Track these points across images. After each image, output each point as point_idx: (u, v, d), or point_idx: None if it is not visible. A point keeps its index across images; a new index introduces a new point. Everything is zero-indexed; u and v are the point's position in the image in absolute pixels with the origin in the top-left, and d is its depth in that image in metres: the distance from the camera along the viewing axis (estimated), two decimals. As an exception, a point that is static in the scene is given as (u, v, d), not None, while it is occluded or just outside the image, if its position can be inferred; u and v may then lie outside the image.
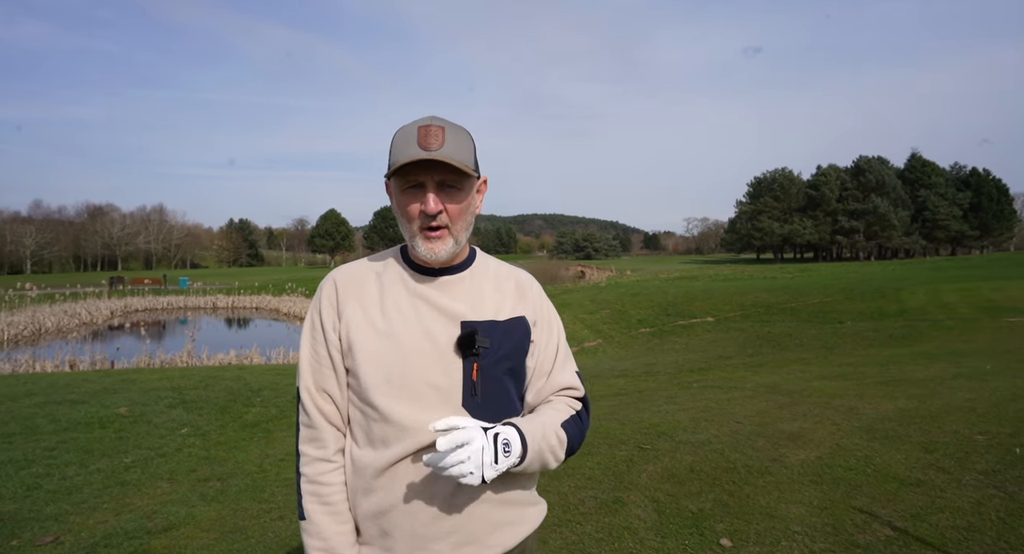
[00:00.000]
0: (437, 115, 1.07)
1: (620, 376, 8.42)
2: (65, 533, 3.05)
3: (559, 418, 1.11)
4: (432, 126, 1.03)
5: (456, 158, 1.03)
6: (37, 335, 21.15)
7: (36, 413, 5.48)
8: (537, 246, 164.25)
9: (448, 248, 1.06)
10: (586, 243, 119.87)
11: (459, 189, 1.06)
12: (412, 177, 1.03)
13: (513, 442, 0.98)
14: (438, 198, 1.03)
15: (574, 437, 1.12)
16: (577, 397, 1.19)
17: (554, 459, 1.08)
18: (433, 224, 1.04)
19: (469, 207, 1.09)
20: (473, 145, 1.09)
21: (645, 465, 3.91)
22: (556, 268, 44.78)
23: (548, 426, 1.07)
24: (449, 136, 1.03)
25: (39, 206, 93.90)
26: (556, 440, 1.08)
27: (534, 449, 1.01)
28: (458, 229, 1.07)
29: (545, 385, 1.16)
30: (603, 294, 23.62)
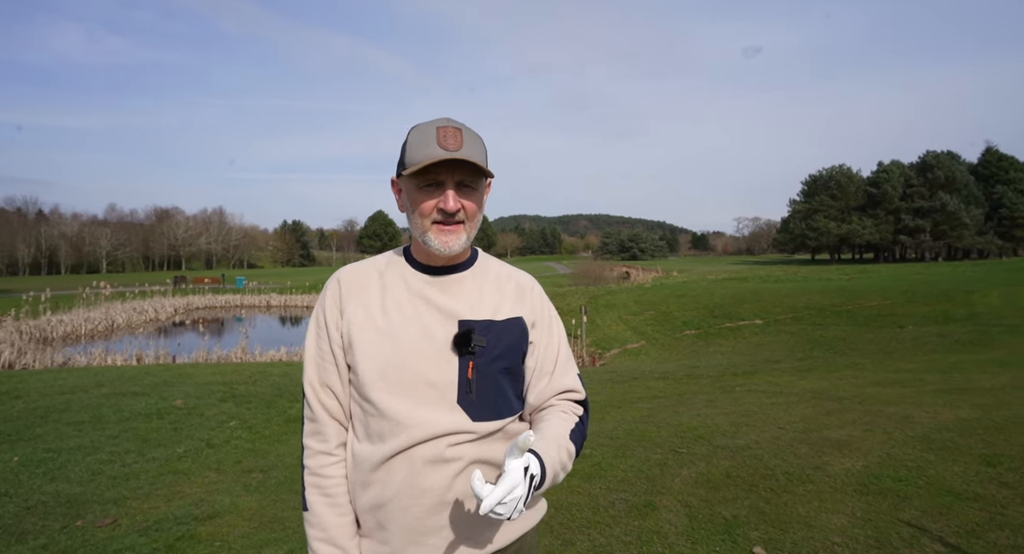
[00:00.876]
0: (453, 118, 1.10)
1: (660, 378, 8.26)
2: (122, 516, 3.25)
3: (566, 430, 1.12)
4: (450, 127, 1.05)
5: (476, 158, 1.05)
6: (110, 330, 22.57)
7: (103, 403, 5.86)
8: (582, 246, 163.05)
9: (460, 242, 1.08)
10: (632, 243, 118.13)
11: (475, 189, 1.09)
12: (432, 176, 1.05)
13: (538, 476, 0.99)
14: (457, 197, 1.06)
15: (578, 444, 1.14)
16: (578, 400, 1.20)
17: (564, 474, 1.10)
18: (452, 220, 1.07)
19: (481, 207, 1.12)
20: (485, 147, 1.12)
21: (679, 469, 3.82)
22: (600, 269, 44.28)
23: (561, 445, 1.08)
24: (466, 137, 1.06)
25: (114, 209, 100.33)
26: (567, 455, 1.09)
27: (551, 475, 1.03)
28: (471, 226, 1.10)
29: (547, 387, 1.16)
30: (648, 295, 23.22)
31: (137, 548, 2.83)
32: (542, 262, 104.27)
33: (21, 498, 3.49)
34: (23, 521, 3.18)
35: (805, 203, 75.74)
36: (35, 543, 2.90)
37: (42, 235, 78.32)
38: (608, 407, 5.94)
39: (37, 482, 3.74)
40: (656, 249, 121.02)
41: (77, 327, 21.23)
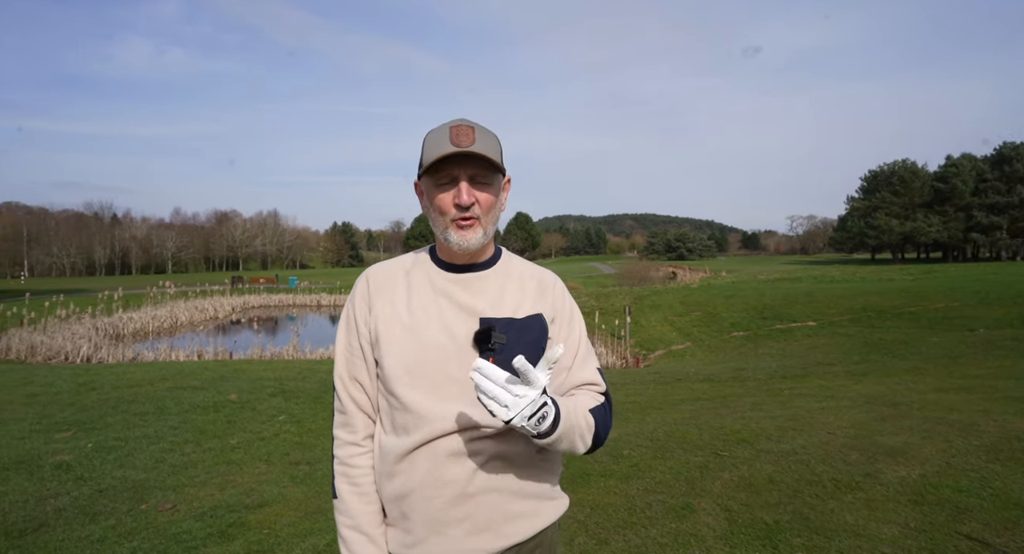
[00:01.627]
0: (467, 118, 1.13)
1: (705, 380, 8.08)
2: (181, 502, 3.46)
3: (587, 403, 1.14)
4: (463, 125, 1.09)
5: (488, 153, 1.09)
6: (174, 327, 23.88)
7: (166, 396, 6.23)
8: (627, 246, 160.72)
9: (478, 238, 1.11)
10: (679, 243, 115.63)
11: (489, 184, 1.12)
12: (446, 173, 1.09)
13: (549, 415, 0.99)
14: (471, 190, 1.09)
15: (601, 425, 1.14)
16: (599, 392, 1.21)
17: (581, 442, 1.09)
18: (467, 215, 1.09)
19: (497, 202, 1.14)
20: (500, 145, 1.15)
21: (720, 472, 3.74)
22: (646, 269, 43.61)
23: (579, 407, 1.10)
24: (479, 134, 1.09)
25: (178, 213, 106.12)
26: (585, 423, 1.10)
27: (566, 424, 1.03)
28: (488, 221, 1.12)
29: (566, 380, 1.18)
30: (694, 296, 22.70)
31: (193, 532, 3.00)
32: (586, 262, 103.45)
33: (95, 481, 3.76)
34: (96, 503, 3.43)
35: (864, 200, 72.15)
36: (105, 524, 3.13)
37: (116, 238, 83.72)
38: (649, 408, 5.87)
39: (108, 467, 4.02)
40: (704, 249, 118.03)
41: (145, 324, 22.56)
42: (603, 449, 4.33)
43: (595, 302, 22.53)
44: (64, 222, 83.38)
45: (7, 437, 4.71)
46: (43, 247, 75.80)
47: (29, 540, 2.95)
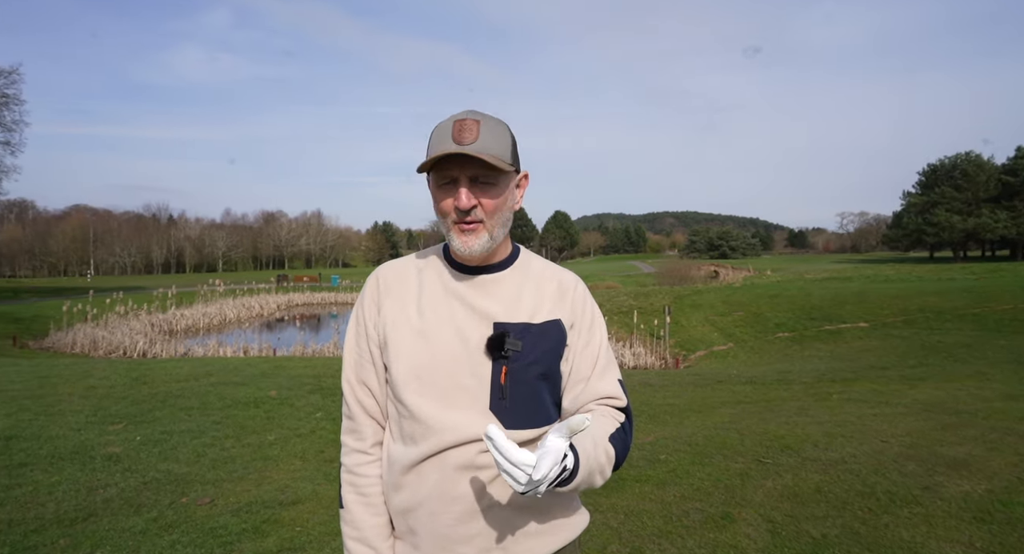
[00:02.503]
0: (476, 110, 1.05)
1: (747, 383, 7.79)
2: (219, 496, 3.54)
3: (607, 431, 1.05)
4: (467, 120, 1.01)
5: (490, 152, 0.99)
6: (223, 324, 24.84)
7: (210, 391, 6.43)
8: (668, 245, 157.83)
9: (482, 242, 1.04)
10: (721, 241, 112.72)
11: (493, 184, 1.03)
12: (447, 173, 1.02)
13: (569, 467, 0.92)
14: (471, 193, 1.01)
15: (620, 452, 1.06)
16: (619, 407, 1.12)
17: (601, 478, 1.02)
18: (468, 219, 1.03)
19: (505, 203, 1.05)
20: (510, 139, 1.06)
21: (763, 480, 3.58)
22: (687, 268, 42.64)
23: (599, 443, 1.01)
24: (484, 130, 1.01)
25: (228, 214, 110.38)
26: (605, 457, 1.02)
27: (584, 471, 0.96)
28: (493, 224, 1.04)
29: (583, 392, 1.10)
30: (737, 295, 22.05)
31: (229, 527, 3.06)
32: (625, 261, 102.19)
33: (140, 474, 3.90)
34: (140, 494, 3.54)
35: (922, 195, 68.52)
36: (148, 516, 3.23)
37: (171, 238, 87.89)
38: (688, 411, 5.69)
39: (153, 460, 4.16)
40: (747, 247, 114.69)
41: (196, 321, 23.53)
42: (639, 453, 4.21)
43: (634, 301, 22.17)
44: (126, 223, 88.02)
45: (65, 428, 4.94)
46: (107, 247, 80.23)
47: (79, 529, 3.07)
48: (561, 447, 0.88)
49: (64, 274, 75.10)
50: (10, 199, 74.81)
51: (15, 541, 2.93)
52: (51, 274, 74.72)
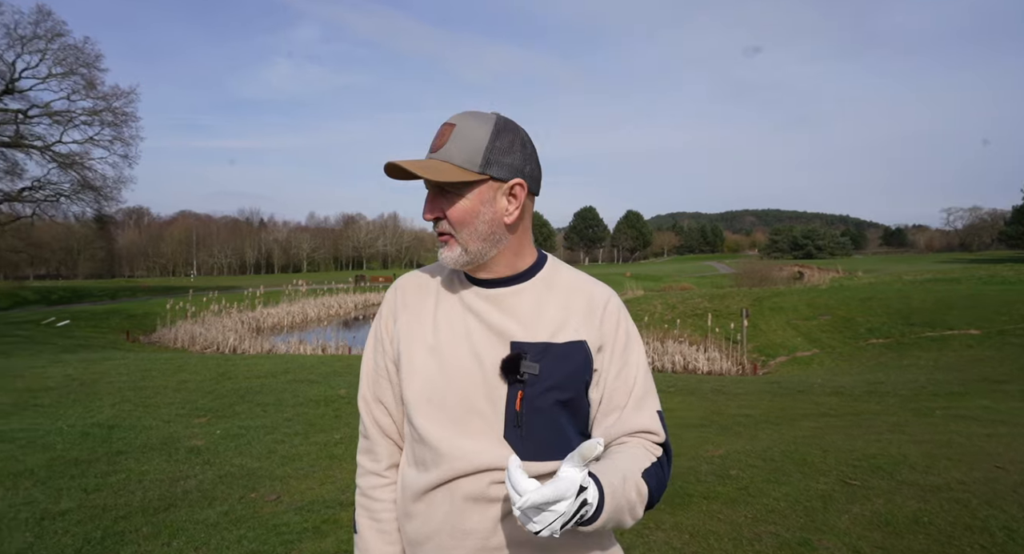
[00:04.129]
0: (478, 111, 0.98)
1: (833, 394, 7.20)
2: (284, 493, 3.67)
3: (640, 466, 0.93)
4: (445, 124, 0.96)
5: (452, 159, 0.93)
6: (304, 322, 26.25)
7: (285, 389, 6.75)
8: (747, 244, 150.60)
9: (455, 256, 0.97)
10: (806, 240, 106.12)
11: (457, 195, 0.95)
12: (423, 180, 0.97)
13: (592, 504, 0.83)
14: (434, 205, 0.97)
15: (655, 490, 0.94)
16: (657, 443, 1.00)
17: (631, 518, 0.91)
18: (438, 230, 0.97)
19: (475, 215, 0.95)
20: (488, 144, 0.94)
21: (848, 504, 3.25)
22: (767, 268, 40.34)
23: (629, 478, 0.90)
24: (455, 135, 0.94)
25: (312, 217, 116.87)
26: (636, 495, 0.91)
27: (611, 508, 0.86)
28: (465, 238, 0.96)
29: (616, 424, 0.99)
30: (823, 298, 20.60)
31: (292, 525, 3.15)
32: (701, 261, 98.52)
33: (217, 467, 4.12)
34: (216, 488, 3.74)
35: (1044, 186, 61.22)
36: (220, 509, 3.39)
37: (262, 241, 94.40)
38: (764, 423, 5.32)
39: (229, 454, 4.39)
40: (836, 246, 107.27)
41: (281, 319, 25.00)
42: (708, 467, 3.96)
43: (709, 303, 21.27)
44: (223, 227, 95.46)
45: (157, 420, 5.34)
46: (207, 249, 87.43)
47: (160, 518, 3.27)
48: (574, 477, 0.78)
49: (172, 274, 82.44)
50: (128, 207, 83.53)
51: (107, 526, 3.16)
52: (161, 274, 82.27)
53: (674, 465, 3.97)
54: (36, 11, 23.91)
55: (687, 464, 4.04)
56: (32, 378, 7.46)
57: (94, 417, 5.43)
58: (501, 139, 0.96)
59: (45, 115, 24.61)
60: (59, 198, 25.80)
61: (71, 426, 5.08)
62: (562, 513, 0.78)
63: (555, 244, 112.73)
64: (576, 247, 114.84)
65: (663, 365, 14.88)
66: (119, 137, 26.06)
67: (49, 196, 25.51)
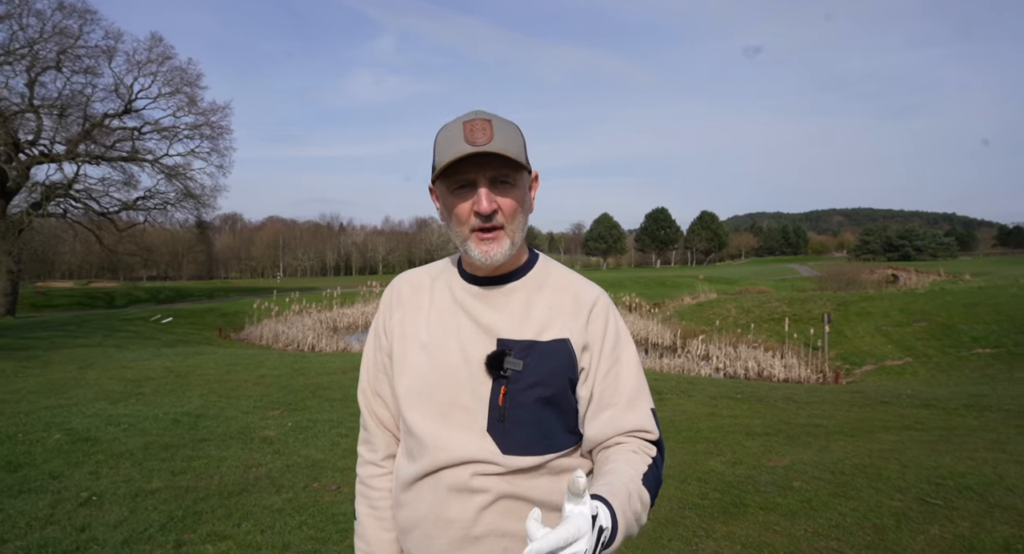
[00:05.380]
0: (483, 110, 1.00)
1: (924, 406, 6.62)
2: (344, 484, 3.86)
3: (638, 473, 0.94)
4: (477, 120, 0.96)
5: (508, 150, 0.94)
6: (378, 323, 27.27)
7: (352, 385, 7.06)
8: (834, 246, 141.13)
9: (504, 250, 0.98)
10: (902, 241, 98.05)
11: (513, 185, 0.98)
12: (462, 176, 0.96)
13: (608, 529, 0.83)
14: (491, 195, 0.96)
15: (653, 493, 0.96)
16: (650, 441, 1.00)
17: (638, 527, 0.91)
18: (487, 225, 0.96)
19: (524, 204, 1.00)
20: (522, 138, 1.00)
21: (926, 525, 3.00)
22: (855, 271, 37.48)
23: (633, 491, 0.91)
24: (497, 128, 0.95)
25: (388, 221, 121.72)
26: (640, 505, 0.91)
27: (623, 527, 0.86)
28: (514, 229, 0.98)
29: (609, 422, 1.00)
30: (919, 302, 18.94)
31: (348, 515, 3.31)
32: (781, 264, 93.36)
33: (285, 457, 4.39)
34: (283, 476, 3.99)
35: None
36: (285, 496, 3.62)
37: (341, 244, 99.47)
38: (837, 434, 4.98)
39: (297, 446, 4.67)
40: (938, 247, 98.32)
41: (356, 319, 26.13)
42: (768, 477, 3.78)
43: (787, 308, 20.14)
44: (306, 231, 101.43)
45: (236, 411, 5.76)
46: (292, 252, 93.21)
47: (233, 501, 3.53)
48: (585, 513, 0.77)
49: (261, 276, 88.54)
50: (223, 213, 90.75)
51: (188, 505, 3.46)
52: (251, 276, 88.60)
53: (730, 474, 3.85)
54: (150, 38, 26.54)
55: (745, 473, 3.87)
56: (138, 369, 8.27)
57: (184, 406, 5.94)
58: (523, 135, 1.01)
59: (155, 131, 27.19)
60: (166, 206, 28.34)
61: (165, 413, 5.58)
62: (584, 550, 0.76)
63: (625, 246, 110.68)
64: (647, 249, 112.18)
65: (734, 371, 14.24)
66: (216, 149, 28.32)
67: (158, 204, 28.08)
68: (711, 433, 5.05)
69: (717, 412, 5.93)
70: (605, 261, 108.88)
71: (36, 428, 4.97)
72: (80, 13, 23.81)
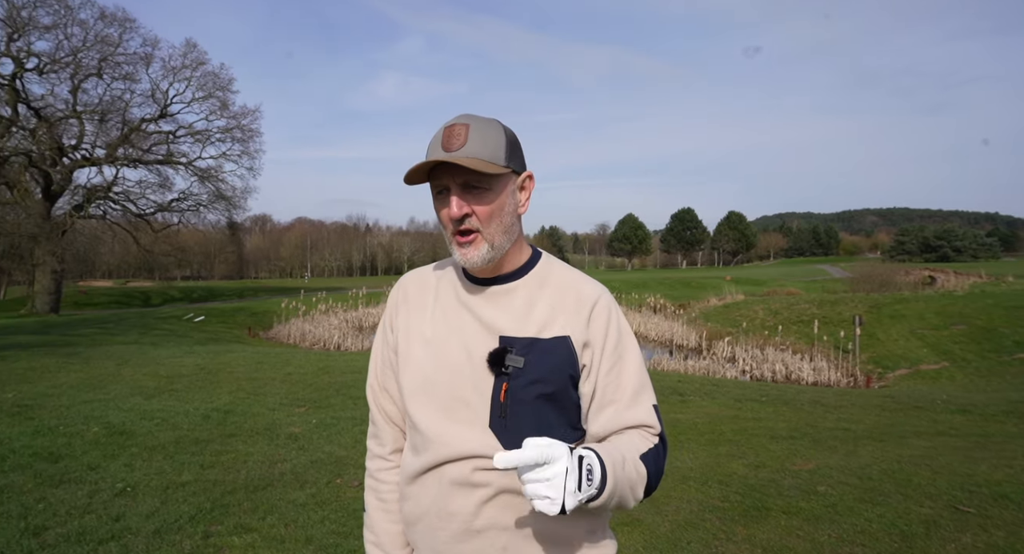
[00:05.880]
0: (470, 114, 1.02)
1: (960, 412, 6.41)
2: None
3: (638, 449, 0.98)
4: (456, 125, 0.98)
5: (478, 155, 0.95)
6: (402, 323, 27.54)
7: (377, 382, 7.18)
8: (868, 246, 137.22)
9: (482, 254, 0.99)
10: (940, 241, 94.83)
11: (487, 189, 0.98)
12: (437, 181, 0.99)
13: (595, 469, 0.86)
14: (463, 201, 0.98)
15: (653, 474, 0.98)
16: (654, 434, 1.03)
17: (632, 497, 0.95)
18: (463, 228, 0.99)
19: (502, 208, 1.00)
20: (504, 139, 1.00)
21: (957, 533, 2.91)
22: (890, 272, 36.36)
23: (628, 457, 0.94)
24: (473, 133, 0.97)
25: (413, 222, 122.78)
26: (636, 474, 0.94)
27: (613, 480, 0.89)
28: (492, 233, 0.99)
29: (613, 418, 1.02)
30: (957, 305, 18.32)
31: (369, 507, 3.37)
32: (812, 264, 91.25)
33: (309, 453, 4.49)
34: (307, 472, 4.07)
35: None
36: (309, 491, 3.70)
37: (367, 244, 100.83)
38: (865, 438, 4.86)
39: (321, 442, 4.76)
40: (980, 248, 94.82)
41: (380, 318, 26.47)
42: (792, 480, 3.71)
43: (817, 310, 19.70)
44: (333, 232, 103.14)
45: (263, 408, 5.90)
46: (319, 253, 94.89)
47: (258, 496, 3.63)
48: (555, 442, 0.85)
49: (289, 276, 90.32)
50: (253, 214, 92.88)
51: (216, 498, 3.57)
52: (280, 276, 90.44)
53: (753, 477, 3.79)
54: (185, 44, 27.37)
55: (768, 476, 3.81)
56: (171, 366, 8.53)
57: (214, 402, 6.11)
58: (509, 136, 1.02)
59: (189, 135, 28.03)
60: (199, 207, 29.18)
61: (195, 409, 5.75)
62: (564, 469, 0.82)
63: (651, 247, 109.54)
64: (673, 250, 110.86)
65: (761, 374, 13.98)
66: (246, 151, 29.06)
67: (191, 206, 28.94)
68: (734, 436, 4.98)
69: (741, 415, 5.84)
70: (630, 262, 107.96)
71: (76, 421, 5.18)
72: (120, 21, 24.71)
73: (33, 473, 3.85)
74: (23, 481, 3.70)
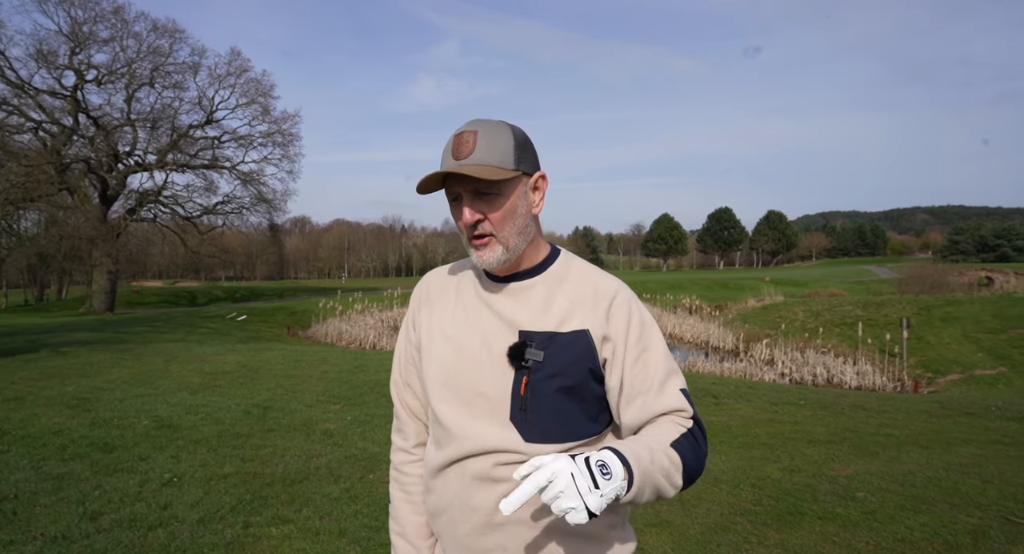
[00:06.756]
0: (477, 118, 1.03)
1: (1015, 419, 6.09)
2: (399, 474, 4.00)
3: (667, 437, 0.97)
4: (465, 132, 1.00)
5: (488, 161, 0.98)
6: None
7: (411, 381, 7.30)
8: (918, 246, 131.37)
9: (497, 255, 1.02)
10: (1000, 240, 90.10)
11: (497, 195, 1.00)
12: (450, 188, 1.02)
13: (611, 463, 0.87)
14: (474, 208, 1.00)
15: (691, 459, 0.97)
16: (686, 418, 1.02)
17: (670, 485, 0.94)
18: (477, 233, 1.01)
19: (515, 211, 1.01)
20: (513, 142, 1.01)
21: (1009, 546, 2.79)
22: (941, 273, 34.62)
23: (655, 446, 0.94)
24: (480, 140, 0.99)
25: (447, 223, 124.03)
26: (668, 461, 0.94)
27: (641, 470, 0.89)
28: (506, 235, 1.01)
29: (643, 408, 1.02)
30: (1017, 307, 17.37)
31: (400, 502, 3.44)
32: (857, 265, 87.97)
33: (344, 449, 4.60)
34: (341, 466, 4.18)
35: None
36: (342, 485, 3.80)
37: (402, 245, 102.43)
38: (909, 445, 4.68)
39: (355, 438, 4.88)
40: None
41: (413, 318, 26.83)
42: (829, 486, 3.61)
43: (861, 312, 19.00)
44: (370, 233, 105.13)
45: (300, 405, 6.08)
46: (356, 254, 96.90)
47: (294, 489, 3.75)
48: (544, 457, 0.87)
49: (327, 276, 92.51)
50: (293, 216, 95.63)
51: (255, 490, 3.70)
52: (319, 276, 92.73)
53: (787, 481, 3.71)
54: (230, 52, 28.43)
55: (804, 481, 3.72)
56: (215, 363, 8.87)
57: (254, 398, 6.33)
58: (518, 138, 1.03)
59: (232, 140, 29.08)
60: (241, 210, 30.22)
61: (237, 405, 5.97)
62: (569, 475, 0.83)
63: (687, 247, 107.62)
64: (710, 250, 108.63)
65: (801, 377, 13.56)
66: (286, 155, 29.97)
67: (235, 209, 29.99)
68: (769, 439, 4.87)
69: (776, 418, 5.70)
70: (665, 262, 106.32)
71: (128, 414, 5.45)
72: (170, 33, 25.84)
73: (90, 462, 4.07)
74: (81, 469, 3.92)
